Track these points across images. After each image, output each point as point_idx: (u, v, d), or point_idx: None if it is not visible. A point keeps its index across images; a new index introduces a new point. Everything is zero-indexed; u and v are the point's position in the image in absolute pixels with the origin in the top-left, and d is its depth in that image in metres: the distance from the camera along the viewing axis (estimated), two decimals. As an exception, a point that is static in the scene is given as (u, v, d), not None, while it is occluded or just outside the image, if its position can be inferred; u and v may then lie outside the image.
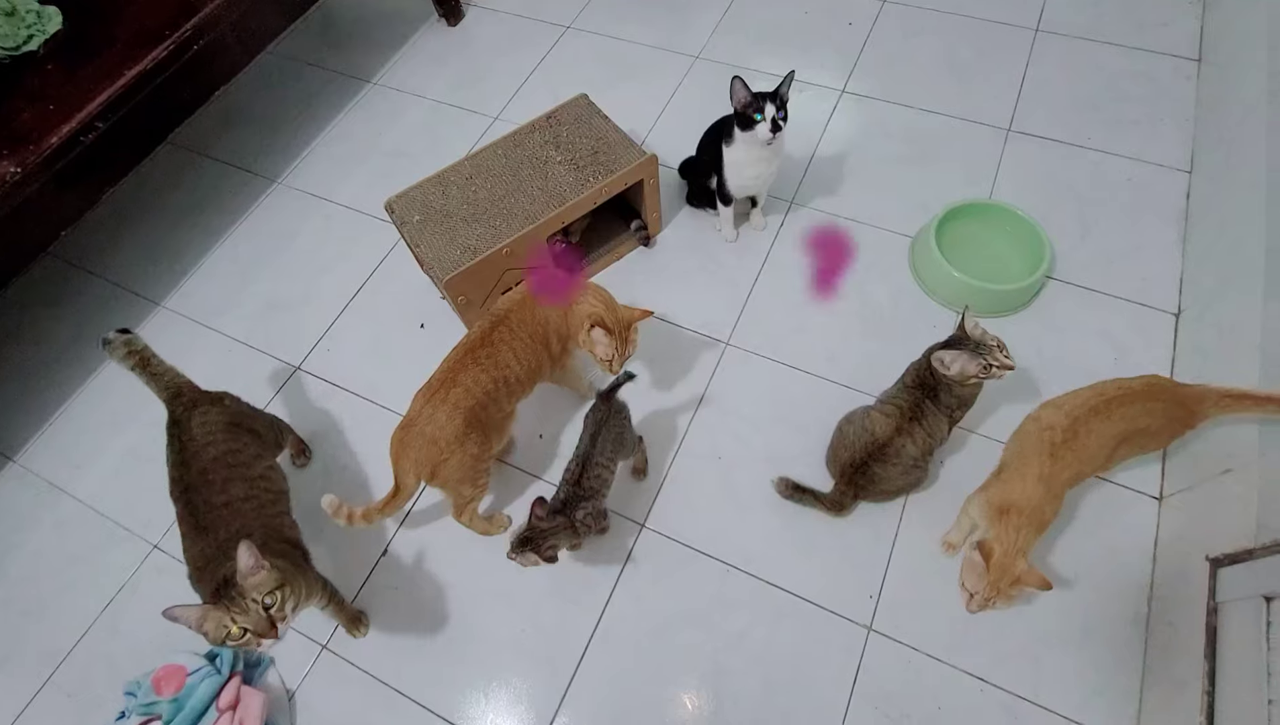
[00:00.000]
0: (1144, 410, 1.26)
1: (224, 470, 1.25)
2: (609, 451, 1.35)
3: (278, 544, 1.22)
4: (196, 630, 1.02)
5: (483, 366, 1.34)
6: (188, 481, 1.23)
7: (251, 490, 1.25)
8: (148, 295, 2.05)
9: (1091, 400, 1.26)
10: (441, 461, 1.30)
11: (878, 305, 1.81)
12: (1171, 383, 1.33)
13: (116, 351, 1.34)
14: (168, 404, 1.33)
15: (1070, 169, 2.00)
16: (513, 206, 1.65)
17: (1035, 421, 1.30)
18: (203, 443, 1.26)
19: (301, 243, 2.10)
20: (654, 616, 1.46)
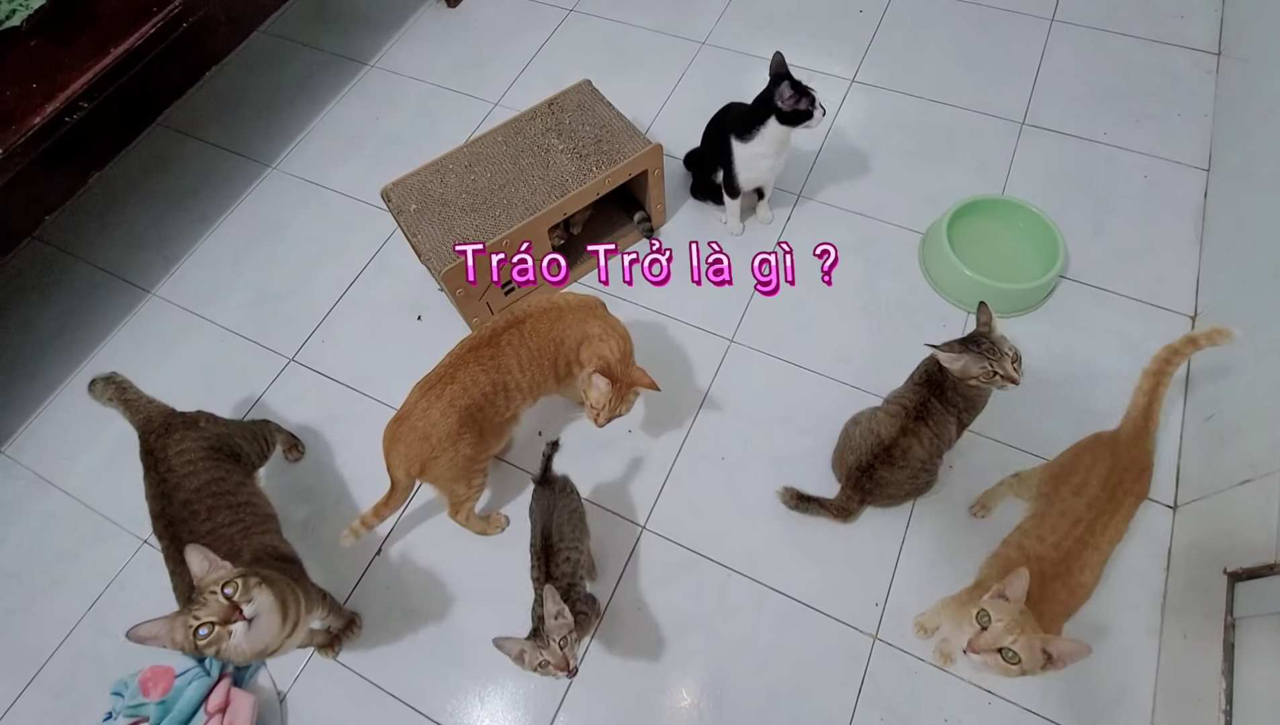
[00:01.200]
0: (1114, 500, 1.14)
1: (208, 499, 1.20)
2: (569, 535, 1.23)
3: (270, 561, 1.17)
4: (170, 645, 0.97)
5: (484, 367, 1.29)
6: (171, 515, 1.18)
7: (237, 515, 1.21)
8: (138, 282, 1.99)
9: (1072, 530, 1.12)
10: (432, 458, 1.26)
11: (887, 303, 1.77)
12: (1109, 438, 1.22)
13: (97, 391, 1.36)
14: (139, 432, 1.28)
15: (1085, 165, 1.95)
16: (513, 196, 1.60)
17: (1020, 550, 1.15)
18: (183, 474, 1.22)
19: (295, 230, 2.05)
20: (654, 622, 1.42)
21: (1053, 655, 0.93)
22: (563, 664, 1.05)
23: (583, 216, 1.84)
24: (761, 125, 1.58)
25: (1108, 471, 1.15)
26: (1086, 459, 1.18)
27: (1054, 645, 0.93)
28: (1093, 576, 1.11)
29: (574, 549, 1.22)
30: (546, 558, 1.20)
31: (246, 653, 1.01)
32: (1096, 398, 1.59)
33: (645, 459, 1.60)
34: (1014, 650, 0.93)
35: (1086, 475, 1.16)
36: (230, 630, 0.98)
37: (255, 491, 1.30)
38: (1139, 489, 1.16)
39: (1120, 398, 1.57)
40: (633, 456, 1.60)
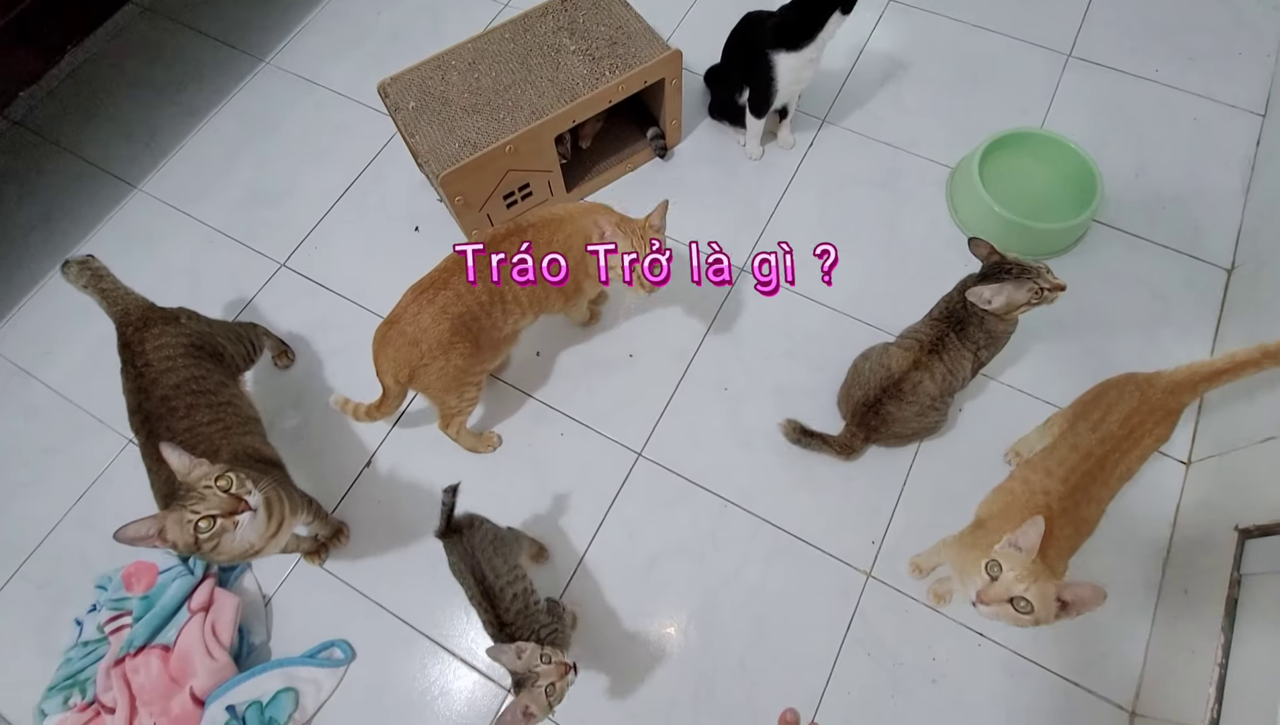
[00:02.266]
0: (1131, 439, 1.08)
1: (187, 397, 1.15)
2: (503, 568, 1.11)
3: (251, 463, 1.14)
4: (161, 543, 0.93)
5: (481, 274, 1.22)
6: (148, 411, 1.13)
7: (217, 415, 1.16)
8: (124, 176, 1.90)
9: (1081, 463, 1.06)
10: (421, 366, 1.21)
11: (908, 239, 1.68)
12: (1143, 380, 1.13)
13: (70, 273, 1.28)
14: (117, 325, 1.22)
15: (1131, 103, 1.82)
16: (518, 98, 1.49)
17: (1025, 484, 1.09)
18: (161, 370, 1.16)
19: (289, 129, 1.94)
20: (645, 547, 1.40)
21: (1068, 602, 0.89)
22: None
23: (592, 129, 1.74)
24: (820, 28, 1.42)
25: (1130, 411, 1.09)
26: (1112, 396, 1.12)
27: (1069, 591, 0.89)
28: (1098, 512, 1.07)
29: (514, 579, 1.11)
30: (492, 604, 1.07)
31: (234, 551, 0.98)
32: (1117, 348, 1.52)
33: (646, 385, 1.55)
34: (1027, 599, 0.89)
35: (1107, 412, 1.10)
36: (236, 522, 0.96)
37: (238, 393, 1.25)
38: (1160, 432, 1.10)
39: (1141, 351, 1.53)
40: (633, 381, 1.55)
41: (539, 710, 0.94)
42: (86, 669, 1.29)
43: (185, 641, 1.24)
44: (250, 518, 0.97)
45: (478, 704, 1.29)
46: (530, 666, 0.97)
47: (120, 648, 1.26)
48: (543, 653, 0.98)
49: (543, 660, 0.97)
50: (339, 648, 1.32)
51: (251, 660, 1.31)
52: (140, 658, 1.24)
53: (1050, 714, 1.24)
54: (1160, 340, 1.53)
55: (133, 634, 1.26)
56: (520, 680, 0.98)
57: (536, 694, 0.95)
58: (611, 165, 1.76)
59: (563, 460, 1.49)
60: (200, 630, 1.25)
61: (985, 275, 1.24)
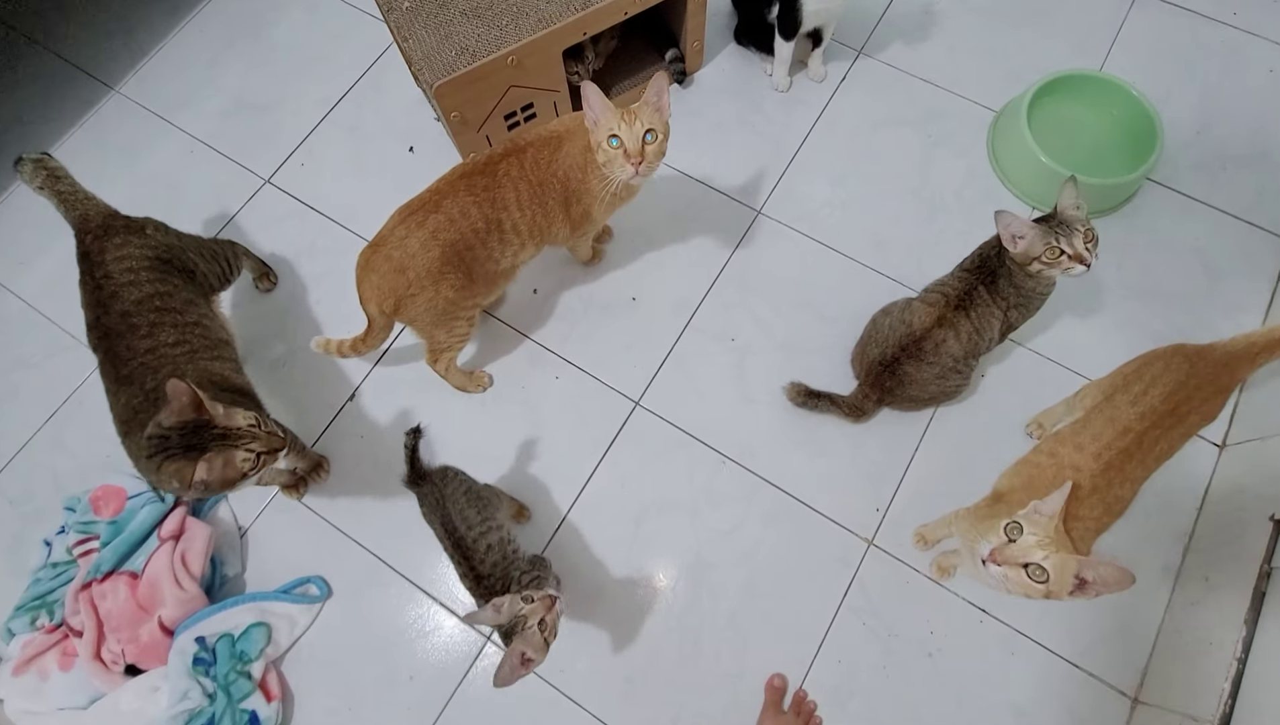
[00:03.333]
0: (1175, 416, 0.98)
1: (150, 315, 1.06)
2: (476, 519, 1.05)
3: (218, 392, 1.05)
4: (220, 488, 0.94)
5: (476, 198, 1.10)
6: (107, 326, 1.05)
7: (183, 336, 1.07)
8: (101, 76, 1.77)
9: (1118, 440, 0.97)
10: (408, 295, 1.11)
11: (942, 187, 1.55)
12: (1194, 351, 1.03)
13: (24, 171, 1.17)
14: (75, 231, 1.12)
15: (1203, 48, 1.65)
16: (524, 3, 1.34)
17: (1052, 458, 1.00)
18: (123, 282, 1.07)
19: (280, 33, 1.79)
20: (638, 498, 1.33)
21: (1088, 580, 0.82)
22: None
23: (606, 48, 1.58)
24: None
25: (1177, 384, 0.99)
26: (1157, 368, 1.02)
27: (1092, 569, 0.81)
28: (1132, 492, 0.99)
29: (489, 529, 1.05)
30: (466, 556, 1.02)
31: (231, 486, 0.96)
32: (1159, 320, 1.41)
33: (648, 331, 1.45)
34: (1043, 567, 0.82)
35: (1150, 385, 1.00)
36: (278, 458, 1.00)
37: (209, 313, 1.16)
38: (1207, 410, 1.00)
39: (1183, 324, 1.41)
40: (635, 326, 1.46)
41: (536, 652, 0.89)
42: (55, 590, 1.25)
43: (154, 570, 1.20)
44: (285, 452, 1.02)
45: (454, 648, 1.25)
46: (514, 614, 0.91)
47: (87, 572, 1.21)
48: (523, 595, 0.92)
49: (525, 602, 0.92)
50: (315, 584, 1.28)
51: (224, 592, 1.27)
52: (108, 583, 1.20)
53: (1049, 696, 1.19)
54: (1205, 314, 1.42)
55: (99, 559, 1.21)
56: (509, 630, 0.92)
57: (529, 635, 0.90)
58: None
59: (556, 404, 1.41)
60: (169, 559, 1.20)
61: (1039, 218, 1.12)
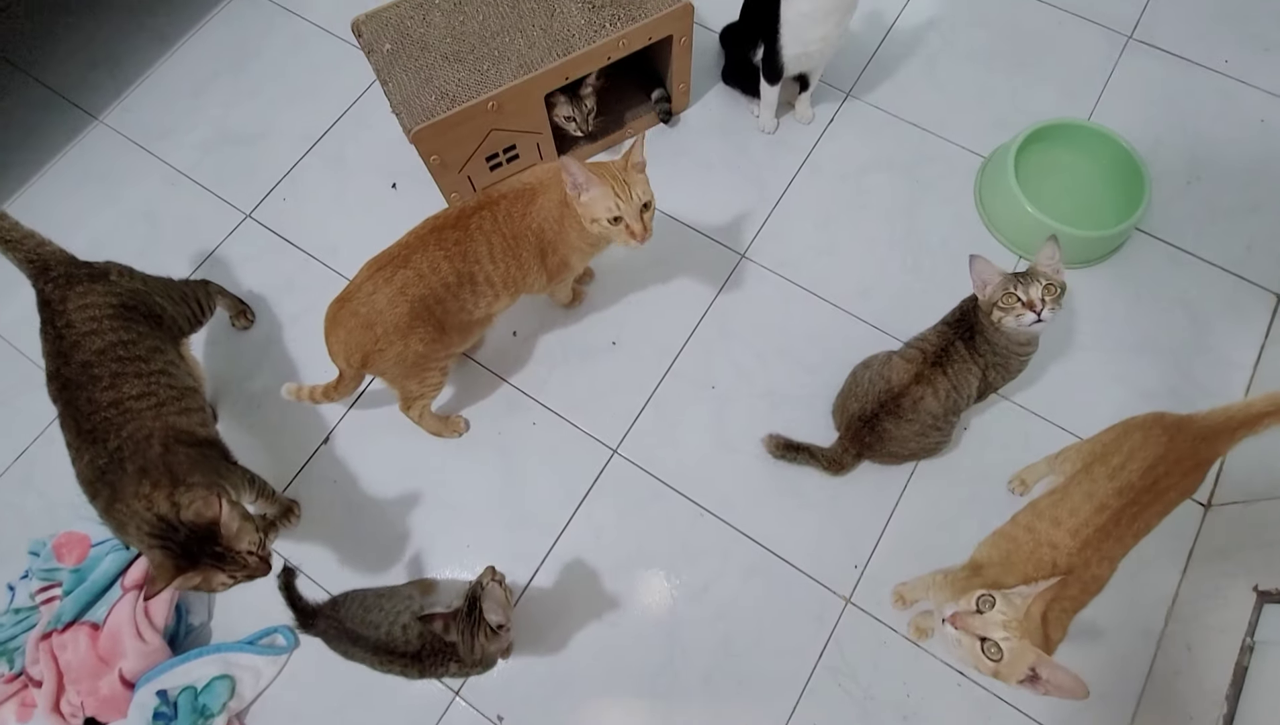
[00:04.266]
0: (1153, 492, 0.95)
1: (112, 364, 1.03)
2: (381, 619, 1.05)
3: (186, 449, 1.03)
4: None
5: (447, 252, 1.09)
6: (67, 377, 1.02)
7: (148, 387, 1.05)
8: (84, 105, 1.76)
9: (1095, 516, 0.94)
10: (375, 350, 1.09)
11: (928, 234, 1.53)
12: (1173, 423, 1.00)
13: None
14: (34, 280, 1.09)
15: (1193, 97, 1.64)
16: (506, 47, 1.33)
17: (1030, 533, 0.97)
18: (84, 332, 1.04)
19: (264, 65, 1.78)
20: (614, 551, 1.31)
21: (1041, 678, 0.80)
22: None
23: (593, 88, 1.57)
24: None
25: (1155, 459, 0.97)
26: (1136, 439, 1.00)
27: (1048, 669, 0.79)
28: (1109, 570, 0.96)
29: (398, 614, 1.06)
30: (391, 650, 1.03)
31: None
32: (1147, 374, 1.39)
33: (628, 376, 1.43)
34: (1000, 646, 0.81)
35: (1128, 458, 0.98)
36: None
37: (174, 361, 1.14)
38: (1186, 485, 0.98)
39: (1171, 379, 1.39)
40: (614, 371, 1.44)
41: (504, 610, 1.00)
42: (17, 637, 1.23)
43: (115, 621, 1.17)
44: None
45: (422, 703, 1.23)
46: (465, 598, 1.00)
47: (49, 621, 1.19)
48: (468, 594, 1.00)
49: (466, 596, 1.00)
50: (282, 634, 1.26)
51: (189, 642, 1.25)
52: (68, 634, 1.18)
53: (1027, 765, 1.16)
54: (1193, 369, 1.40)
55: (61, 608, 1.19)
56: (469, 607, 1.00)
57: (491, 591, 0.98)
58: (611, 129, 1.60)
59: (533, 451, 1.39)
60: (131, 610, 1.18)
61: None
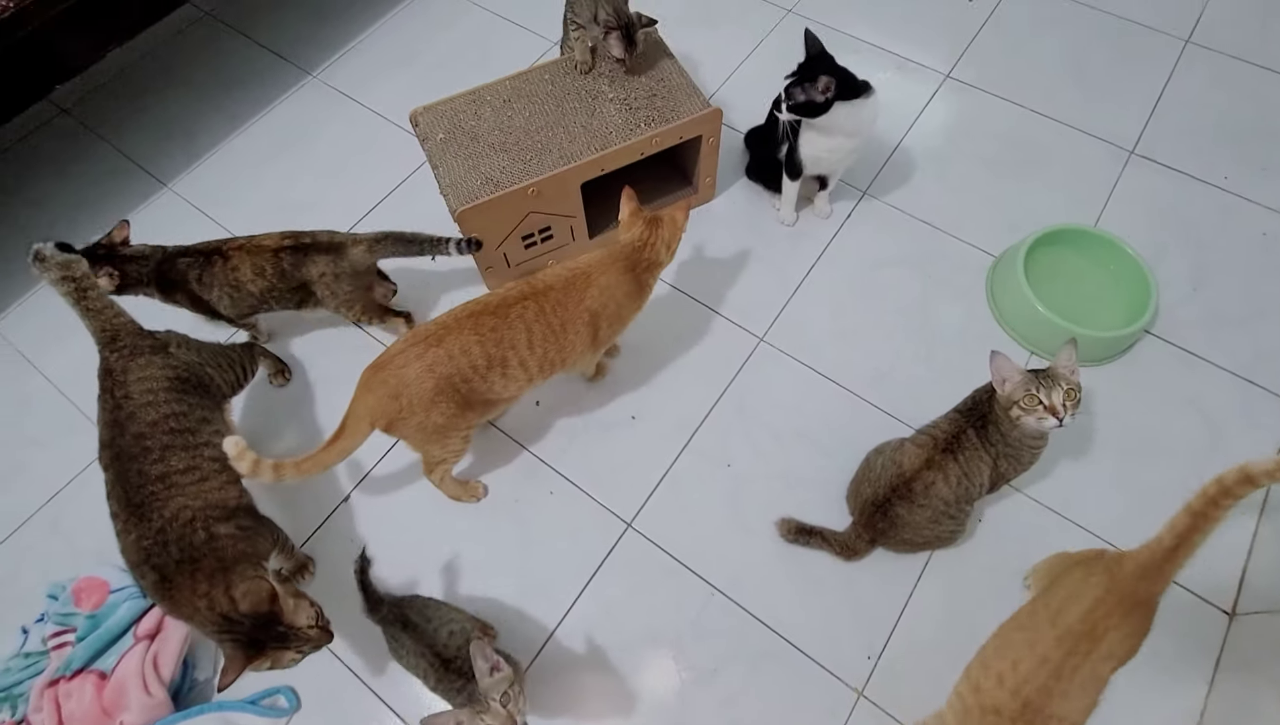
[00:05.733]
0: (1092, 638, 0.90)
1: (163, 437, 1.08)
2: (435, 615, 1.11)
3: (224, 526, 1.07)
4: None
5: (481, 338, 1.14)
6: (120, 447, 1.07)
7: (194, 461, 1.09)
8: (156, 174, 1.91)
9: (1036, 672, 0.89)
10: (399, 418, 1.14)
11: (941, 328, 1.58)
12: (1112, 561, 0.97)
13: (49, 272, 1.12)
14: (101, 348, 1.16)
15: (1195, 209, 1.72)
16: (548, 141, 1.45)
17: (976, 694, 0.94)
18: (141, 403, 1.10)
19: (324, 145, 1.93)
20: (624, 627, 1.30)
21: None
22: (510, 723, 0.93)
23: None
24: (824, 112, 1.40)
25: (1095, 601, 0.92)
26: (1077, 576, 0.96)
27: None
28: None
29: (449, 621, 1.10)
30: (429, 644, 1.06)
31: None
32: (1159, 475, 1.40)
33: (645, 450, 1.46)
34: None
35: (1069, 598, 0.93)
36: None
37: (219, 429, 1.18)
38: (1128, 628, 0.91)
39: (1187, 480, 1.38)
40: (632, 445, 1.47)
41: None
42: (23, 683, 1.23)
43: (123, 671, 1.17)
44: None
45: (420, 779, 1.19)
46: (489, 694, 0.95)
47: (58, 667, 1.19)
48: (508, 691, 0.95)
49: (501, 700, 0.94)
50: (284, 695, 1.24)
51: (192, 698, 1.24)
52: (75, 682, 1.18)
53: None
54: (1207, 473, 1.36)
55: (72, 655, 1.19)
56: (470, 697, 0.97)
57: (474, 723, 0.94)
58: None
59: (549, 519, 1.41)
60: (140, 661, 1.18)
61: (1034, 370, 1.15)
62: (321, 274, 1.37)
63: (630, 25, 1.37)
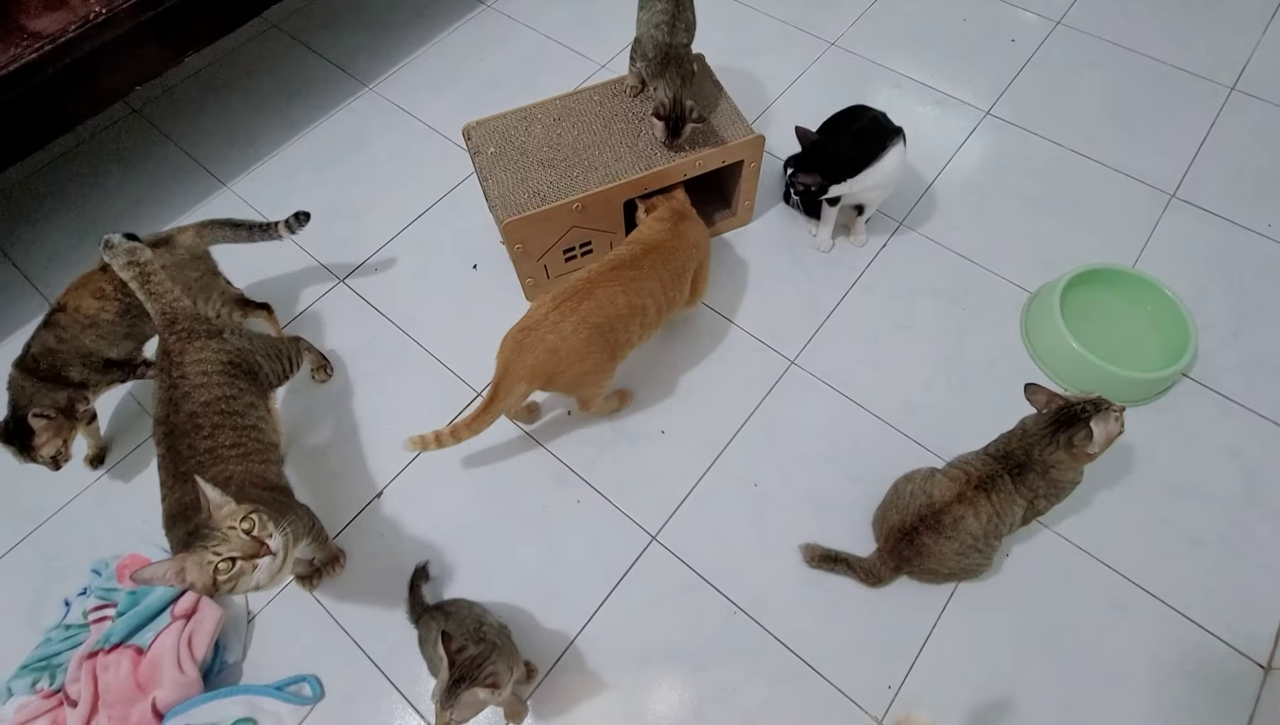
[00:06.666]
0: None
1: (215, 417, 1.14)
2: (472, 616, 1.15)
3: (260, 490, 1.11)
4: (179, 583, 0.92)
5: (624, 288, 1.29)
6: (173, 423, 1.12)
7: (240, 439, 1.14)
8: (217, 173, 2.00)
9: None
10: (558, 372, 1.26)
11: (974, 360, 1.59)
12: None
13: (117, 257, 1.20)
14: (161, 330, 1.21)
15: (1237, 255, 1.71)
16: (595, 159, 1.50)
17: None
18: (196, 384, 1.15)
19: (376, 154, 2.01)
20: (644, 639, 1.31)
21: None
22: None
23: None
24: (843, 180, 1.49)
25: None
26: None
27: None
28: None
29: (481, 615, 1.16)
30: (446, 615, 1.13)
31: (245, 590, 0.97)
32: (1194, 521, 1.38)
33: (673, 465, 1.48)
34: None
35: None
36: (255, 564, 0.95)
37: (264, 415, 1.23)
38: None
39: (1226, 526, 1.38)
40: (660, 459, 1.49)
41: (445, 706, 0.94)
42: (62, 654, 1.27)
43: (159, 648, 1.21)
44: (270, 561, 0.96)
45: (436, 777, 1.20)
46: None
47: (97, 640, 1.24)
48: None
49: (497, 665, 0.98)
50: (309, 684, 1.27)
51: (221, 679, 1.27)
52: (113, 655, 1.22)
53: None
54: (1245, 520, 1.38)
55: (111, 628, 1.23)
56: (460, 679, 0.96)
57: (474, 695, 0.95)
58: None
59: (574, 528, 1.43)
60: (176, 639, 1.22)
61: (1062, 422, 1.14)
62: (163, 266, 1.29)
63: (680, 119, 1.41)
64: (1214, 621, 1.29)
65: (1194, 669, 1.25)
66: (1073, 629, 1.29)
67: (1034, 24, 2.17)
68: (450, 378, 1.61)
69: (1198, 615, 1.29)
